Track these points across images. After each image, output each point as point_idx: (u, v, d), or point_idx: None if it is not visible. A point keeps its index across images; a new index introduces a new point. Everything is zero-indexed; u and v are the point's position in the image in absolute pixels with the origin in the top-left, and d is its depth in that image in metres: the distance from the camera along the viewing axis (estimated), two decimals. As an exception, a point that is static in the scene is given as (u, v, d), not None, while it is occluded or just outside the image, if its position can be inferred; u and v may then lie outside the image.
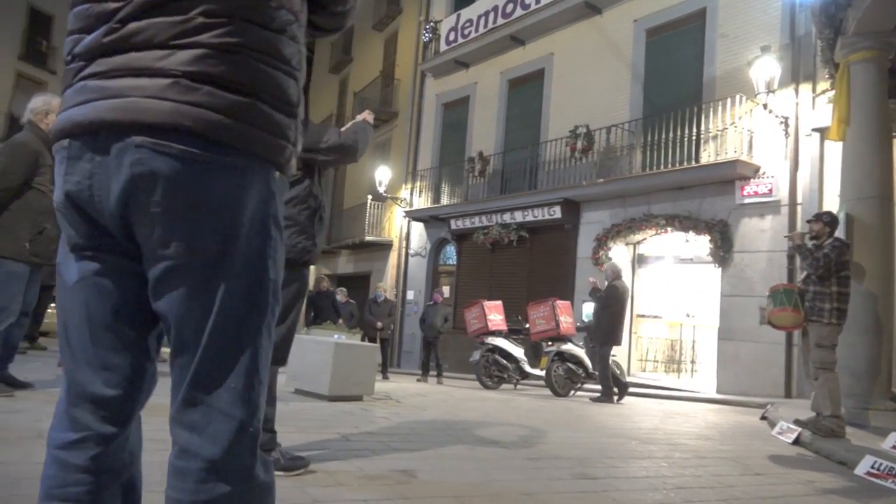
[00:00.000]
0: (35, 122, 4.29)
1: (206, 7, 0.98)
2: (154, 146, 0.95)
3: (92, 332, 1.06)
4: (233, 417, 0.98)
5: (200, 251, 0.97)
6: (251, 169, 1.01)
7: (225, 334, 0.99)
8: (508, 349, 10.02)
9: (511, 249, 14.39)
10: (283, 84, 1.05)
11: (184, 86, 0.96)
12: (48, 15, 26.37)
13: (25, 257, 4.11)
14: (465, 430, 4.56)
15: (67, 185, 1.03)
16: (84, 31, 1.04)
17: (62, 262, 1.10)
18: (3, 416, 3.34)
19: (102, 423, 1.06)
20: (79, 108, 1.01)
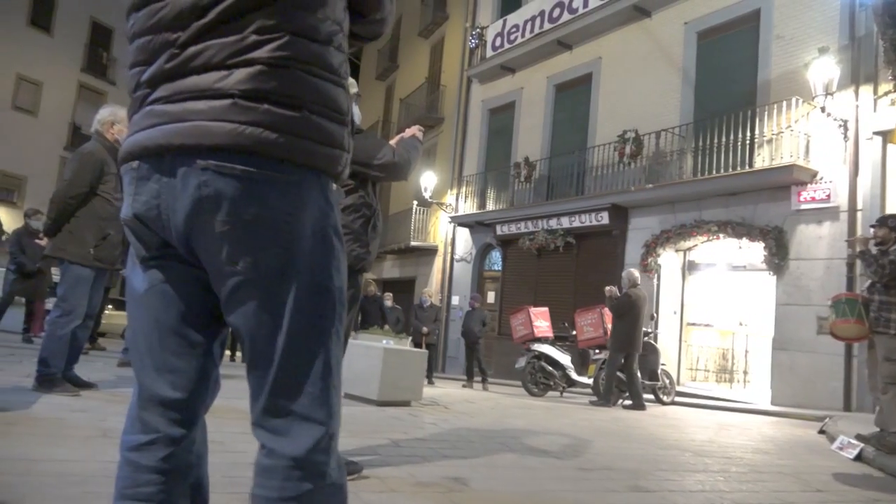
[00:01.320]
0: (101, 132, 4.45)
1: (259, 24, 1.02)
2: (217, 168, 0.99)
3: (160, 338, 1.11)
4: (312, 420, 1.03)
5: (266, 265, 1.02)
6: (308, 182, 1.05)
7: (297, 344, 1.03)
8: (555, 356, 9.93)
9: (557, 255, 14.26)
10: (332, 94, 1.09)
11: (242, 106, 1.00)
12: (108, 28, 27.40)
13: (90, 262, 4.27)
14: (514, 438, 4.53)
15: (136, 205, 1.08)
16: (146, 63, 1.09)
17: (131, 272, 1.16)
18: (70, 415, 3.46)
19: (170, 425, 1.11)
20: (145, 132, 1.06)
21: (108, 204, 4.37)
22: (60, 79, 25.45)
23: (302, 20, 1.05)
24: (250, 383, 1.07)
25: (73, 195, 4.23)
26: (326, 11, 1.09)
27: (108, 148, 4.44)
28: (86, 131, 24.70)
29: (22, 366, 5.55)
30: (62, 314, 4.21)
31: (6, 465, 2.30)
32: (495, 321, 15.42)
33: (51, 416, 3.38)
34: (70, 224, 4.26)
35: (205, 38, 1.03)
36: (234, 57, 1.01)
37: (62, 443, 2.78)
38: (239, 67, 1.01)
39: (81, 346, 4.57)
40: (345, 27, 1.16)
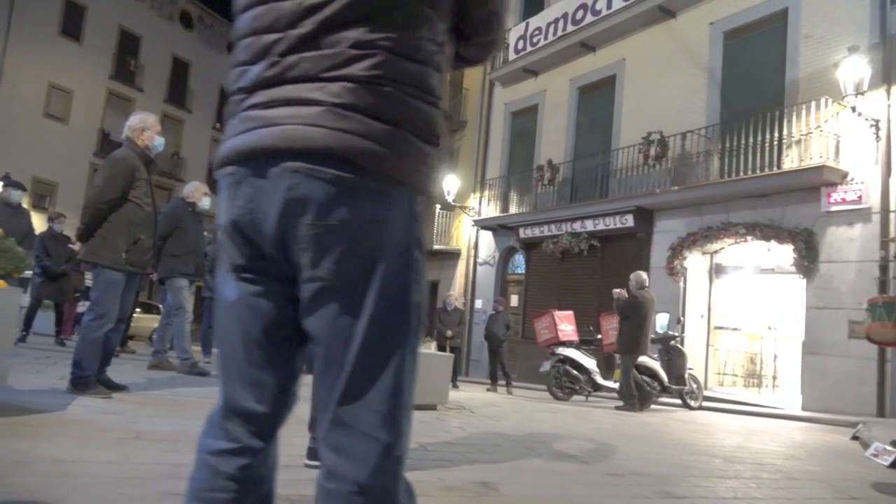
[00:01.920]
0: (132, 138, 4.53)
1: (356, 40, 1.02)
2: (308, 171, 1.00)
3: (246, 351, 1.11)
4: (378, 441, 1.00)
5: (348, 273, 1.01)
6: (396, 193, 1.04)
7: (370, 357, 1.01)
8: (580, 360, 9.86)
9: (581, 258, 14.18)
10: (427, 115, 1.08)
11: (335, 113, 1.00)
12: (136, 35, 27.90)
13: (122, 266, 4.34)
14: (541, 443, 4.51)
15: (233, 210, 1.08)
16: (248, 63, 1.11)
17: (222, 281, 1.16)
18: (103, 418, 3.52)
19: (251, 437, 1.11)
20: (241, 136, 1.07)
21: (138, 209, 4.44)
22: (90, 86, 25.97)
23: (400, 39, 1.05)
24: (319, 395, 1.05)
25: (105, 201, 4.30)
26: (427, 31, 1.08)
27: (138, 154, 4.51)
28: (114, 138, 25.19)
29: (56, 368, 5.67)
30: (95, 318, 4.29)
31: (45, 466, 2.35)
32: (519, 325, 15.37)
33: (85, 418, 3.44)
34: (102, 229, 4.33)
35: (302, 49, 1.04)
36: (329, 71, 1.02)
37: (96, 444, 2.83)
38: (334, 81, 1.02)
39: (113, 350, 4.65)
40: (445, 49, 1.14)
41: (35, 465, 2.35)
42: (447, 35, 1.15)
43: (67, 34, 25.32)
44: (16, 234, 6.15)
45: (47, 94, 24.64)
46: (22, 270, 3.49)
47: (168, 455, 2.76)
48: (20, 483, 2.10)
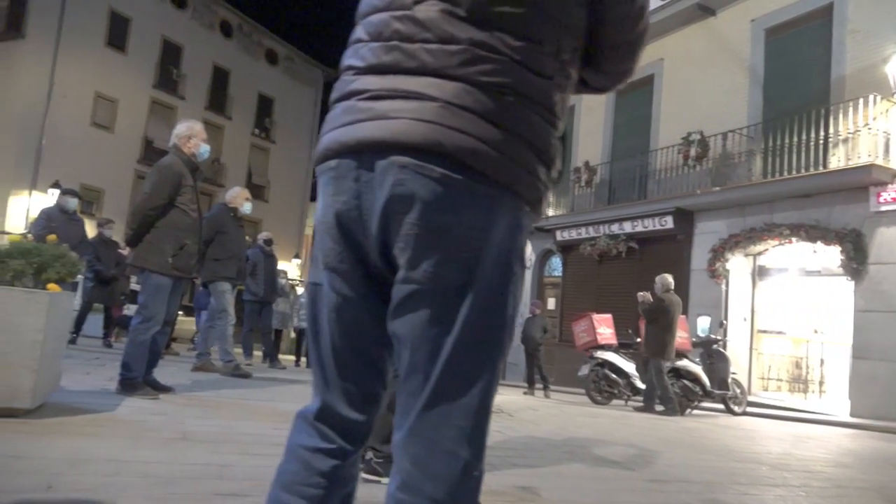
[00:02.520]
0: (179, 145, 4.64)
1: (482, 40, 0.98)
2: (416, 168, 0.96)
3: (338, 355, 1.10)
4: (458, 457, 0.96)
5: (445, 278, 0.97)
6: (503, 200, 0.99)
7: (458, 368, 0.97)
8: (619, 364, 9.74)
9: (619, 261, 14.02)
10: (542, 131, 1.03)
11: (449, 111, 0.96)
12: (178, 45, 28.55)
13: (169, 271, 4.44)
14: (582, 448, 4.46)
15: (336, 205, 1.04)
16: (364, 41, 1.07)
17: (315, 282, 1.13)
18: (151, 418, 3.60)
19: (345, 440, 1.10)
20: (345, 129, 1.03)
21: (185, 215, 4.54)
22: (134, 95, 26.67)
23: (527, 50, 1.00)
24: (400, 401, 1.02)
25: (153, 207, 4.41)
26: (552, 47, 1.03)
27: (185, 161, 4.62)
28: (157, 145, 25.87)
29: (105, 369, 5.83)
30: (143, 321, 4.40)
31: (98, 465, 2.41)
32: (556, 328, 15.26)
33: (134, 418, 3.53)
34: (150, 235, 4.43)
35: (421, 38, 0.99)
36: (448, 69, 0.97)
37: (145, 444, 2.90)
38: (453, 80, 0.97)
39: (160, 352, 4.76)
40: (569, 69, 1.08)
41: (89, 463, 2.42)
42: (573, 55, 1.09)
43: (113, 45, 26.05)
44: (70, 240, 6.38)
45: (94, 103, 25.38)
46: (75, 275, 3.60)
47: (215, 456, 2.82)
48: (77, 481, 2.17)
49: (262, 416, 4.17)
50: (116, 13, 26.07)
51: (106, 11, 25.65)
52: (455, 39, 0.98)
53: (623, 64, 1.19)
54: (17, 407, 3.02)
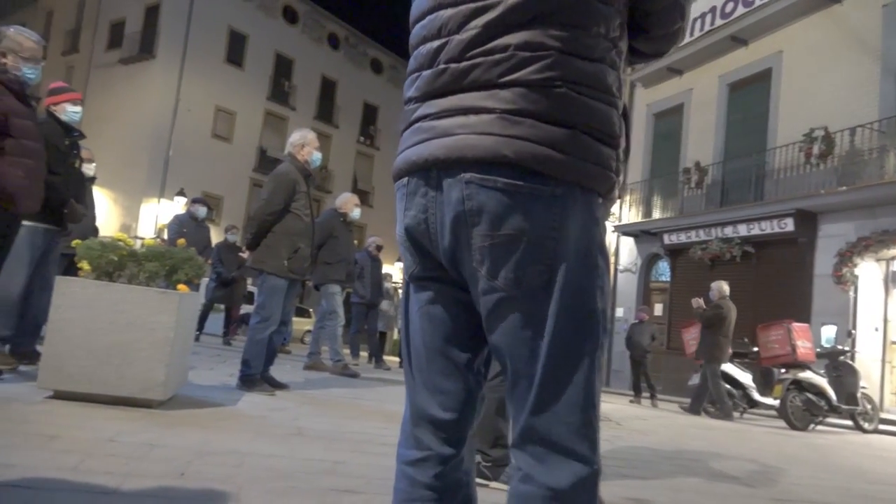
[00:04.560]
0: (293, 153, 4.86)
1: (526, 41, 0.99)
2: (481, 181, 0.98)
3: (428, 359, 1.13)
4: (574, 453, 0.98)
5: (528, 282, 0.98)
6: (573, 198, 1.00)
7: (558, 367, 0.99)
8: (734, 374, 9.23)
9: (733, 265, 13.30)
10: (605, 115, 1.03)
11: (507, 120, 0.98)
12: (290, 59, 30.02)
13: (284, 273, 4.65)
14: (696, 461, 4.26)
15: (407, 220, 1.10)
16: (417, 71, 1.12)
17: (405, 290, 1.19)
18: (270, 413, 3.78)
19: (441, 444, 1.13)
20: (414, 149, 1.08)
21: (299, 220, 4.74)
22: (250, 108, 28.29)
23: (573, 38, 1.00)
24: (511, 404, 1.04)
25: (270, 212, 4.64)
26: (601, 28, 1.03)
27: (299, 168, 4.83)
28: (271, 154, 27.27)
29: (226, 366, 6.19)
30: (260, 321, 4.63)
31: (223, 456, 2.56)
32: (664, 335, 14.68)
33: (254, 413, 3.72)
34: (267, 239, 4.67)
35: (469, 56, 1.02)
36: (500, 76, 0.99)
37: (265, 439, 3.04)
38: (505, 88, 0.99)
39: (276, 350, 5.00)
40: (620, 44, 1.08)
41: (215, 455, 2.57)
42: (621, 30, 1.09)
43: (231, 61, 27.78)
44: (198, 245, 6.86)
45: (214, 116, 27.14)
46: (201, 277, 3.85)
47: (328, 452, 2.91)
48: (205, 471, 2.30)
49: (370, 416, 4.28)
50: (235, 31, 27.77)
51: (225, 30, 27.40)
52: (501, 48, 1.00)
53: (674, 24, 1.16)
54: (151, 398, 3.26)
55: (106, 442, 2.50)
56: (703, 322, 8.96)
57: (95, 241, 3.46)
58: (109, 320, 3.22)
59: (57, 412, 2.94)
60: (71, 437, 2.49)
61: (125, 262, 3.44)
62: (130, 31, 26.63)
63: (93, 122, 21.35)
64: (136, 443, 2.55)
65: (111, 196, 24.35)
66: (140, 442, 2.58)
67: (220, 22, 27.10)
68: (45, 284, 4.18)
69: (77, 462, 2.16)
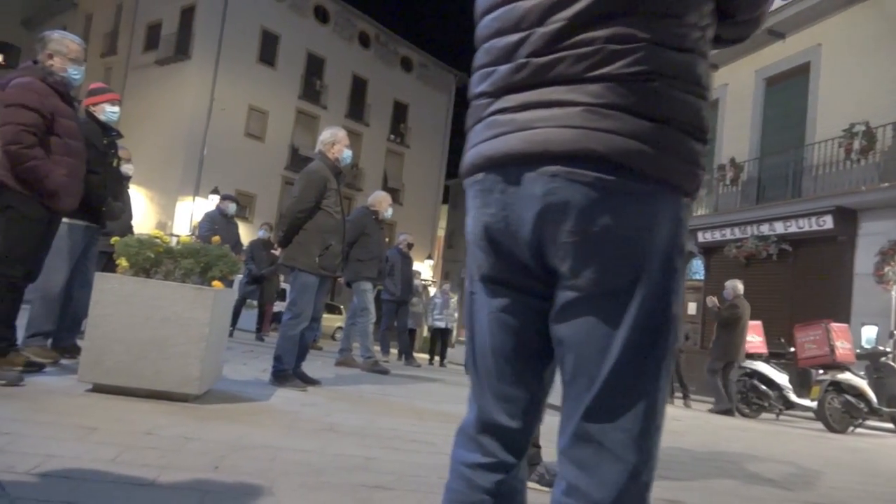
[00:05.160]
0: (324, 151, 4.89)
1: (615, 34, 0.94)
2: (567, 175, 0.93)
3: (496, 364, 1.09)
4: (626, 462, 0.92)
5: (610, 283, 0.94)
6: (662, 196, 0.95)
7: (626, 372, 0.94)
8: (770, 374, 9.04)
9: (770, 264, 13.04)
10: (695, 108, 0.98)
11: (595, 113, 0.93)
12: (321, 58, 30.27)
13: (316, 270, 4.69)
14: (731, 463, 4.18)
15: (484, 218, 1.04)
16: (491, 65, 1.06)
17: (472, 291, 1.13)
18: (302, 409, 3.82)
19: (505, 452, 1.09)
20: (489, 143, 1.03)
21: (329, 217, 4.78)
22: (282, 107, 28.62)
23: (665, 29, 0.95)
24: (564, 404, 1.00)
25: (302, 210, 4.68)
26: (693, 17, 0.97)
27: (329, 166, 4.86)
28: (302, 152, 27.54)
29: (259, 361, 6.27)
30: (292, 317, 4.68)
31: (257, 451, 2.59)
32: (697, 334, 14.47)
33: (287, 408, 3.76)
34: (299, 236, 4.71)
35: (553, 48, 0.97)
36: (587, 72, 0.94)
37: (297, 434, 3.07)
38: (592, 82, 0.94)
39: (308, 346, 5.04)
40: (708, 32, 1.03)
41: (249, 449, 2.60)
42: (711, 16, 1.03)
43: (264, 61, 28.12)
44: (228, 242, 6.95)
45: (248, 115, 27.51)
46: (234, 274, 3.90)
47: (360, 448, 2.93)
48: (239, 464, 2.33)
49: (400, 412, 4.29)
50: (267, 31, 28.10)
51: (258, 30, 27.74)
52: (588, 41, 0.94)
53: (759, 7, 1.11)
54: (187, 392, 3.32)
55: (143, 435, 2.55)
56: (719, 322, 8.97)
57: (133, 239, 3.53)
58: (146, 316, 3.28)
59: (96, 405, 3.00)
60: (110, 430, 2.55)
61: (161, 258, 3.51)
62: (166, 33, 27.15)
63: (130, 122, 21.85)
64: (173, 436, 2.60)
65: (148, 194, 24.87)
66: (176, 435, 2.62)
67: (253, 22, 27.45)
68: (84, 281, 4.28)
69: (116, 454, 2.21)
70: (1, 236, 3.42)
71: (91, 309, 3.31)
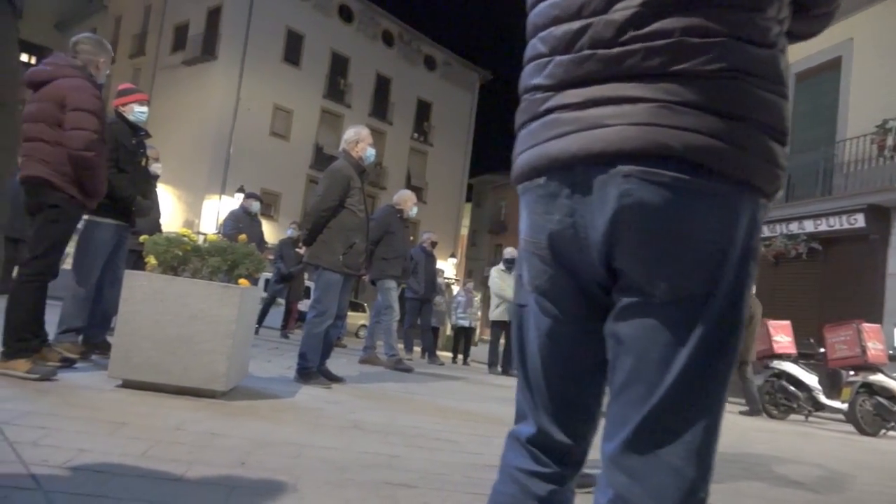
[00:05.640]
0: (348, 150, 4.92)
1: (693, 25, 0.88)
2: (643, 175, 0.88)
3: (549, 379, 1.06)
4: (683, 476, 0.88)
5: (684, 288, 0.89)
6: (741, 197, 0.90)
7: (690, 383, 0.89)
8: (799, 375, 8.88)
9: (799, 263, 12.81)
10: (777, 107, 0.93)
11: (670, 110, 0.88)
12: (345, 57, 30.45)
13: (340, 268, 4.72)
14: (759, 465, 4.12)
15: (549, 226, 0.99)
16: (547, 56, 1.01)
17: (523, 302, 1.10)
18: (326, 406, 3.85)
19: (561, 465, 1.08)
20: (551, 143, 0.97)
21: (353, 216, 4.80)
22: (306, 106, 28.85)
23: (746, 21, 0.89)
24: (615, 408, 0.95)
25: (326, 209, 4.71)
26: (773, 10, 0.92)
27: (353, 165, 4.89)
28: (326, 151, 27.73)
29: (284, 358, 6.33)
30: (317, 315, 4.72)
31: (282, 448, 2.62)
32: (724, 334, 14.26)
33: (311, 405, 3.79)
34: (323, 234, 4.75)
35: (621, 40, 0.91)
36: (662, 67, 0.89)
37: (322, 431, 3.10)
38: (668, 78, 0.89)
39: (332, 344, 5.08)
40: (786, 26, 0.98)
41: (274, 445, 2.63)
42: (789, 9, 0.98)
43: (289, 61, 28.37)
44: (253, 240, 7.02)
45: (273, 115, 27.79)
46: (261, 272, 3.94)
47: (384, 446, 2.94)
48: (265, 461, 2.36)
49: (424, 411, 4.30)
50: (292, 31, 28.34)
51: (283, 30, 27.99)
52: (663, 33, 0.89)
53: (833, 3, 1.07)
54: (214, 389, 3.37)
55: (172, 430, 2.59)
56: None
57: (161, 237, 3.59)
58: (174, 313, 3.33)
59: (126, 400, 3.06)
60: (139, 425, 2.59)
61: (189, 256, 3.56)
62: (193, 34, 27.52)
63: (158, 122, 22.17)
64: (200, 432, 2.64)
65: (175, 193, 25.24)
66: (203, 431, 2.66)
67: (278, 22, 27.70)
68: (114, 278, 4.36)
69: (145, 449, 2.25)
70: (38, 235, 3.48)
71: (121, 306, 3.37)
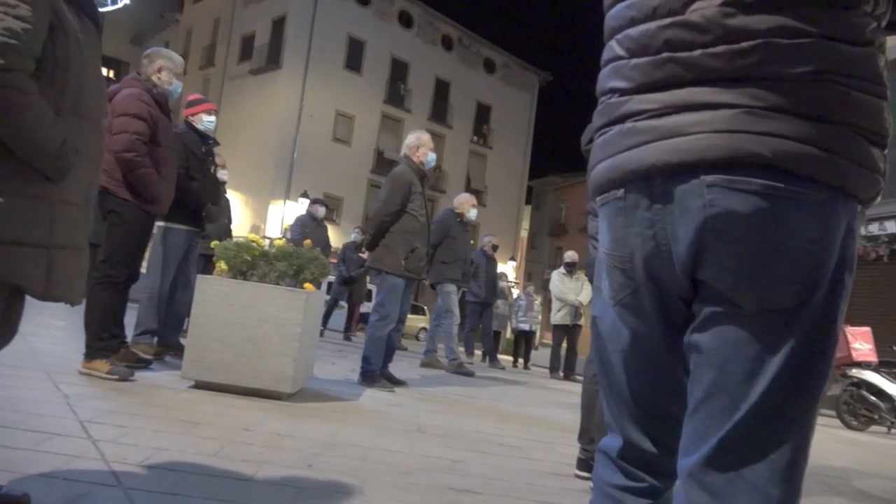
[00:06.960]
0: (409, 155, 4.97)
1: (780, 25, 0.83)
2: (728, 183, 0.84)
3: (634, 391, 1.05)
4: (769, 497, 0.85)
5: (775, 301, 0.85)
6: (835, 204, 0.85)
7: (779, 399, 0.86)
8: (880, 385, 8.42)
9: (880, 266, 12.16)
10: (872, 109, 0.87)
11: (757, 115, 0.84)
12: (405, 62, 30.80)
13: (402, 272, 4.76)
14: (838, 478, 3.92)
15: (632, 238, 0.95)
16: (624, 58, 0.97)
17: (602, 315, 1.08)
18: (389, 409, 3.88)
19: (654, 477, 1.06)
20: (629, 154, 0.93)
21: (415, 220, 4.84)
22: (367, 111, 29.32)
23: (838, 19, 0.84)
24: (694, 422, 0.91)
25: (388, 214, 4.76)
26: (868, 5, 0.87)
27: (414, 169, 4.93)
28: (387, 156, 28.09)
29: (347, 361, 6.43)
30: (379, 319, 4.77)
31: (348, 449, 2.65)
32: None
33: (375, 408, 3.83)
34: (385, 239, 4.80)
35: (700, 42, 0.87)
36: (747, 70, 0.84)
37: (386, 434, 3.12)
38: (753, 82, 0.84)
39: (395, 347, 5.13)
40: (883, 21, 0.92)
41: (340, 447, 2.67)
42: (887, 3, 0.91)
43: (350, 67, 28.91)
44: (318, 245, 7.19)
45: (335, 120, 28.36)
46: (325, 276, 4.02)
47: (446, 450, 2.94)
48: (331, 462, 2.40)
49: (486, 415, 4.29)
50: (353, 38, 28.87)
51: (345, 37, 28.55)
52: (747, 34, 0.84)
53: None
54: (281, 390, 3.45)
55: (242, 431, 2.67)
56: None
57: (231, 243, 3.71)
58: (243, 316, 3.43)
59: (199, 400, 3.17)
60: (211, 425, 2.68)
61: (257, 261, 3.66)
62: (259, 44, 28.38)
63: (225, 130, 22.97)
64: (269, 432, 2.70)
65: (242, 198, 26.06)
66: (272, 432, 2.72)
67: (340, 30, 28.27)
68: (186, 282, 4.53)
69: (218, 448, 2.32)
70: (105, 239, 3.66)
71: (193, 309, 3.50)
